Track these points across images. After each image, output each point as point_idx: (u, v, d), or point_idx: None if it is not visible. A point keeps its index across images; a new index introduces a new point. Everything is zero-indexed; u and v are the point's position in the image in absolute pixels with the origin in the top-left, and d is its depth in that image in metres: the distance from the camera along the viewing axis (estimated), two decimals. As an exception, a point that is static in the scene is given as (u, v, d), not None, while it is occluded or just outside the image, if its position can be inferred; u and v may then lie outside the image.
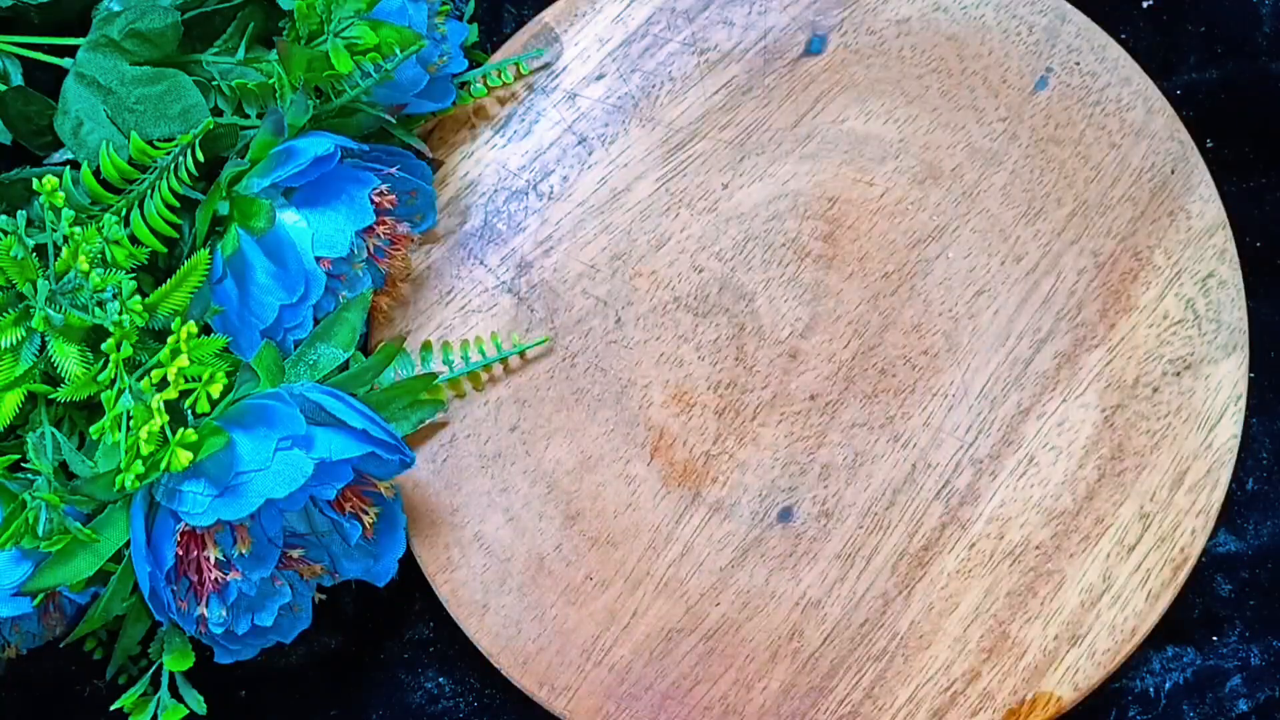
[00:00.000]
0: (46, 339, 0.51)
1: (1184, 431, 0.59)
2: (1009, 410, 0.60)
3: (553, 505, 0.60)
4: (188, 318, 0.49)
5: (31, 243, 0.51)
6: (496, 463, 0.60)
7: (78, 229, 0.50)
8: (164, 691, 0.52)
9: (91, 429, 0.48)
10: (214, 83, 0.57)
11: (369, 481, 0.54)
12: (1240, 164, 0.61)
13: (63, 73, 0.56)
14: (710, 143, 0.62)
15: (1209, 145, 0.61)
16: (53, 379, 0.51)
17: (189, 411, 0.49)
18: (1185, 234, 0.60)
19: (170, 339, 0.48)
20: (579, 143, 0.63)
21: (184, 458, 0.47)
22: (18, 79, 0.57)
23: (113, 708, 0.52)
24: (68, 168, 0.53)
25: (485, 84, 0.62)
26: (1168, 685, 0.61)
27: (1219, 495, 0.58)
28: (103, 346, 0.48)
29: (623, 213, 0.62)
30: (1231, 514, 0.59)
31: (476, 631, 0.59)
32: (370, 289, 0.56)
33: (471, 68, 0.61)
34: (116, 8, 0.55)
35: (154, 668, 0.53)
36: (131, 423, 0.48)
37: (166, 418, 0.48)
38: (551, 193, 0.62)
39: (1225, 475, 0.59)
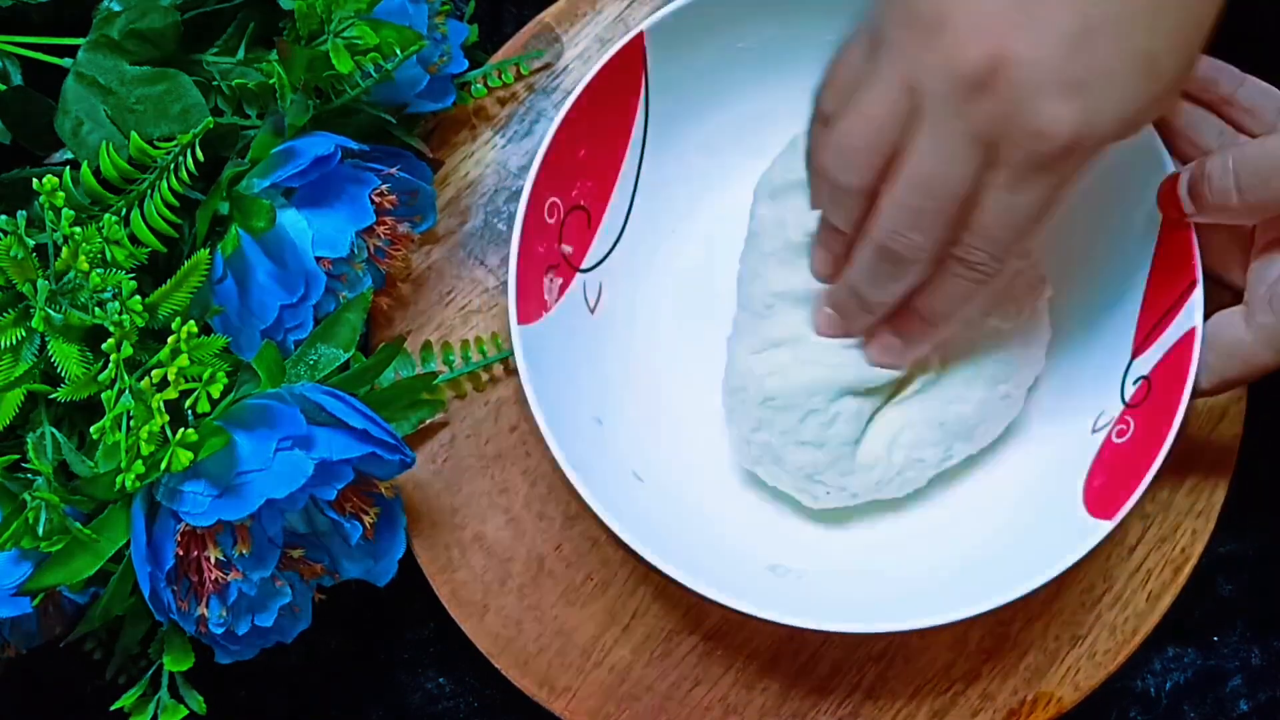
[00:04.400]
0: (46, 339, 0.51)
1: (1186, 432, 0.59)
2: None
3: (553, 505, 0.60)
4: (188, 318, 0.49)
5: (31, 243, 0.51)
6: (496, 463, 0.60)
7: (78, 229, 0.50)
8: (164, 691, 0.52)
9: (91, 429, 0.48)
10: (214, 83, 0.57)
11: (369, 482, 0.54)
12: (1240, 164, 0.61)
13: (63, 73, 0.56)
14: (711, 142, 0.62)
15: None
16: (53, 379, 0.51)
17: (189, 411, 0.49)
18: (1186, 234, 0.60)
19: (170, 339, 0.48)
20: (579, 142, 0.63)
21: (184, 458, 0.47)
22: (18, 79, 0.57)
23: (113, 708, 0.52)
24: (68, 168, 0.53)
25: (485, 84, 0.62)
26: (1168, 685, 0.61)
27: (1220, 496, 0.58)
28: (103, 346, 0.48)
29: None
30: (1232, 514, 0.59)
31: (476, 632, 0.59)
32: (370, 289, 0.56)
33: (471, 68, 0.61)
34: (116, 8, 0.55)
35: (154, 668, 0.53)
36: (131, 423, 0.48)
37: (167, 418, 0.48)
38: (552, 192, 0.62)
39: (1226, 476, 0.59)
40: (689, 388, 0.60)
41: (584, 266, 0.59)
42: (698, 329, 0.60)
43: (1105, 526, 0.52)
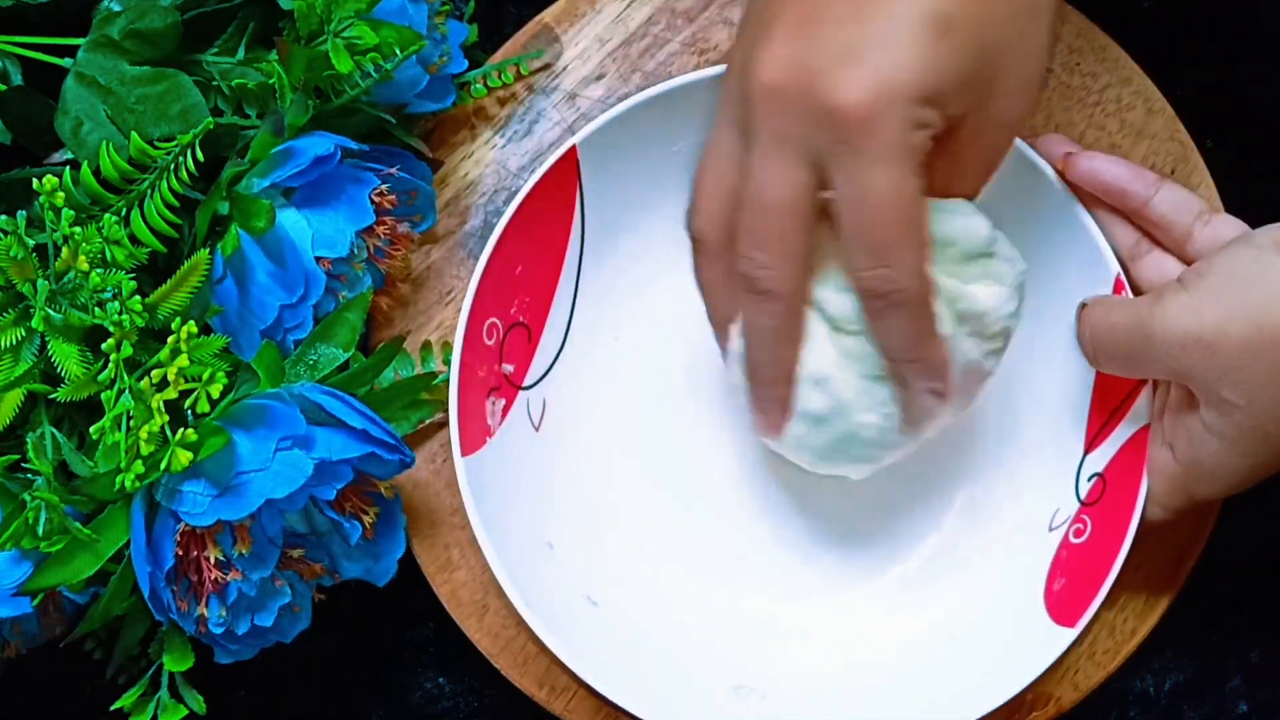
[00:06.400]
0: (46, 339, 0.51)
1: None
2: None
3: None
4: (187, 318, 0.49)
5: (31, 243, 0.51)
6: (496, 463, 0.60)
7: (78, 229, 0.50)
8: (164, 691, 0.52)
9: (91, 429, 0.48)
10: (214, 83, 0.57)
11: (369, 481, 0.54)
12: (1240, 164, 0.61)
13: (63, 73, 0.56)
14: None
15: (1209, 145, 0.61)
16: (53, 379, 0.51)
17: (189, 411, 0.49)
18: (1185, 234, 0.60)
19: (170, 339, 0.48)
20: (579, 143, 0.62)
21: (184, 458, 0.47)
22: (18, 79, 0.57)
23: (113, 708, 0.52)
24: (68, 168, 0.53)
25: (485, 84, 0.62)
26: (1168, 685, 0.61)
27: (1219, 495, 0.58)
28: (103, 346, 0.48)
29: (623, 213, 0.62)
30: (1232, 513, 0.59)
31: (476, 631, 0.59)
32: (370, 289, 0.56)
33: (471, 68, 0.61)
34: (116, 8, 0.55)
35: (154, 668, 0.53)
36: (131, 423, 0.48)
37: (166, 418, 0.48)
38: (551, 193, 0.62)
39: (1225, 475, 0.59)
40: (639, 500, 0.60)
41: (526, 384, 0.59)
42: (642, 438, 0.60)
43: (1069, 635, 0.53)
